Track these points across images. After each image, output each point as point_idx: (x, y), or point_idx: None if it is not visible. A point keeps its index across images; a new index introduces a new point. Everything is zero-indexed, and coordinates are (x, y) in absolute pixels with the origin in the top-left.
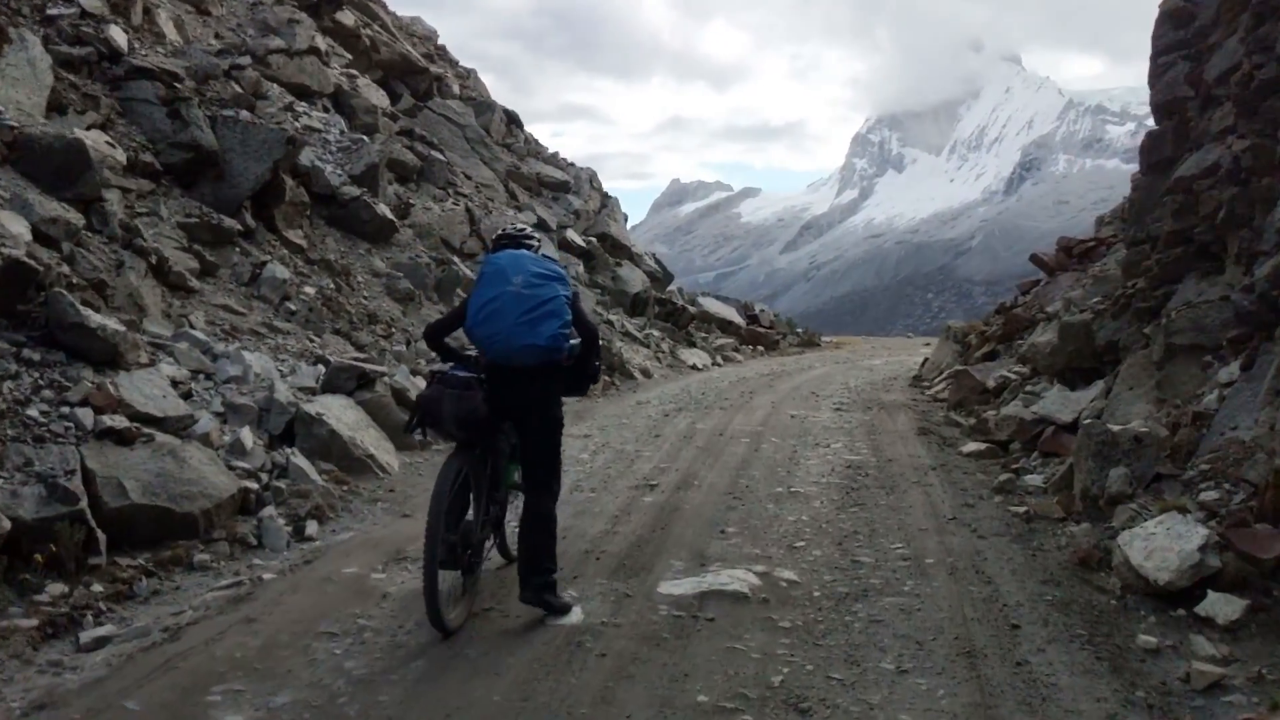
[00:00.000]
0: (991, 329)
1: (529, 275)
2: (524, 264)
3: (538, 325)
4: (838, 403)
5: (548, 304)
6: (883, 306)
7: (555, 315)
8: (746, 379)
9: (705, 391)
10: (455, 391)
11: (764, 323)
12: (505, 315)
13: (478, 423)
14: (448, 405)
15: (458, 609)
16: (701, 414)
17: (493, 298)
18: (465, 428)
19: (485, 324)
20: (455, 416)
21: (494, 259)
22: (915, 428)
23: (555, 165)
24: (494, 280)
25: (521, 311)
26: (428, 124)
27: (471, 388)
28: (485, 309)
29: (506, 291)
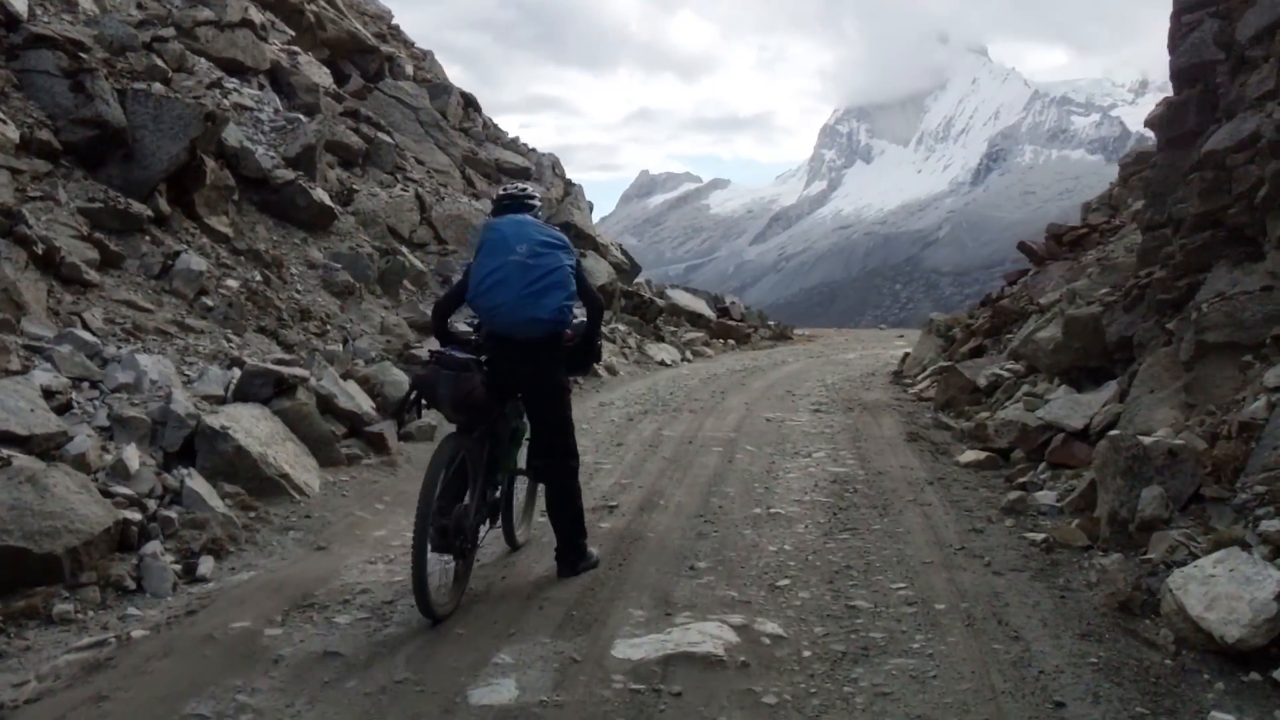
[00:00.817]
0: (977, 322)
1: (534, 243)
2: (528, 231)
3: (543, 297)
4: (816, 403)
5: (553, 274)
6: (851, 298)
7: (560, 286)
8: (717, 376)
9: (674, 391)
10: (452, 373)
11: (735, 315)
12: (510, 286)
13: (475, 405)
14: (444, 387)
15: (448, 595)
16: (669, 417)
17: (497, 267)
18: (462, 410)
19: (488, 294)
20: (452, 398)
21: (496, 225)
22: (903, 432)
23: (515, 151)
24: (497, 248)
25: (527, 283)
26: (378, 106)
27: (469, 369)
28: (489, 279)
29: (510, 261)
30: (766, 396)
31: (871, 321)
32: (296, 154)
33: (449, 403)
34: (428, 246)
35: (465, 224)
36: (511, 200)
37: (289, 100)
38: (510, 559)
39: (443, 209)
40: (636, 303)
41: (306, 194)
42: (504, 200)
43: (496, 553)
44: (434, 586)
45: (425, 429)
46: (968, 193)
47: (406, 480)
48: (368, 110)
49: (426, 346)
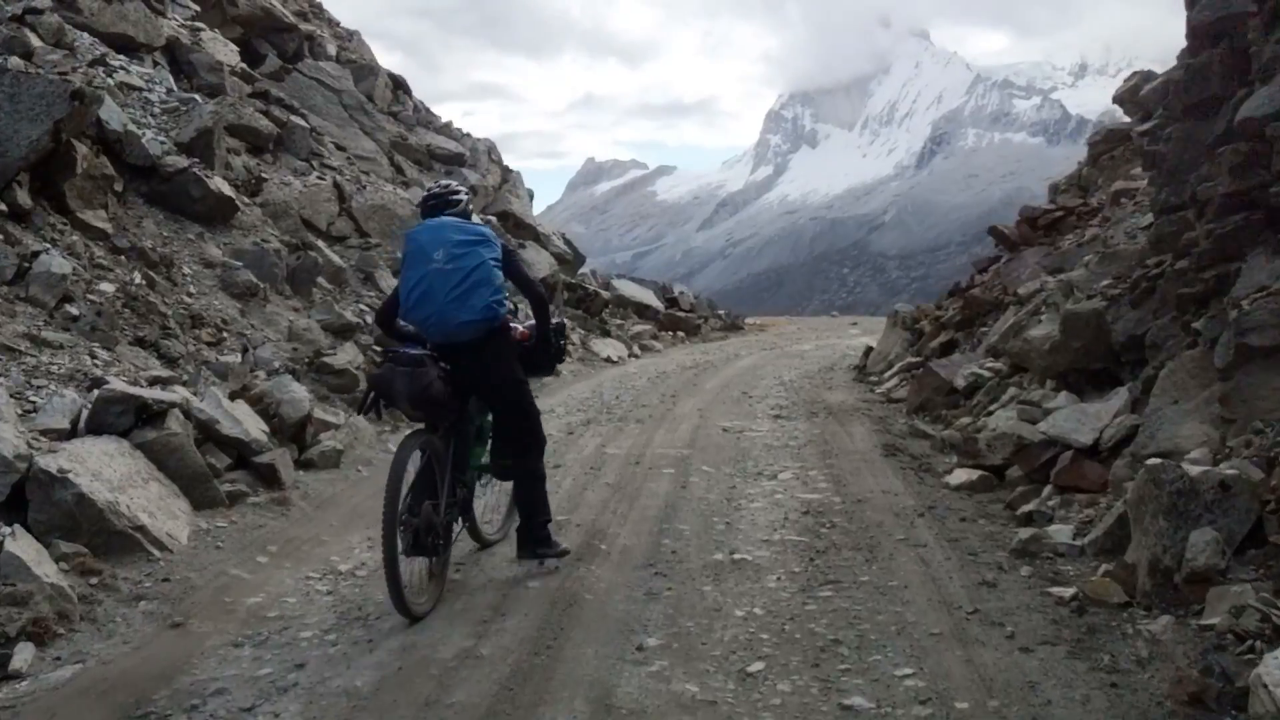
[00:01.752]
0: (947, 314)
1: (450, 246)
2: (444, 234)
3: (468, 299)
4: (775, 406)
5: (474, 273)
6: (799, 283)
7: (485, 283)
8: (667, 375)
9: (620, 394)
10: (406, 370)
11: (684, 306)
12: (434, 295)
13: (434, 400)
14: (400, 384)
15: (425, 594)
16: (614, 429)
17: (419, 279)
18: (421, 405)
19: (417, 308)
20: (409, 395)
21: (413, 236)
22: (877, 443)
23: (448, 136)
24: (417, 260)
25: (449, 288)
26: (297, 89)
27: (423, 364)
28: (414, 292)
29: (431, 270)
30: (721, 399)
31: (820, 307)
32: (191, 139)
33: (406, 399)
34: (348, 240)
35: (390, 215)
36: (436, 201)
37: (190, 81)
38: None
39: (364, 199)
40: (580, 295)
41: (202, 183)
42: (428, 202)
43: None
44: (409, 584)
45: (329, 455)
46: (912, 176)
47: (300, 523)
48: (281, 92)
49: (336, 353)
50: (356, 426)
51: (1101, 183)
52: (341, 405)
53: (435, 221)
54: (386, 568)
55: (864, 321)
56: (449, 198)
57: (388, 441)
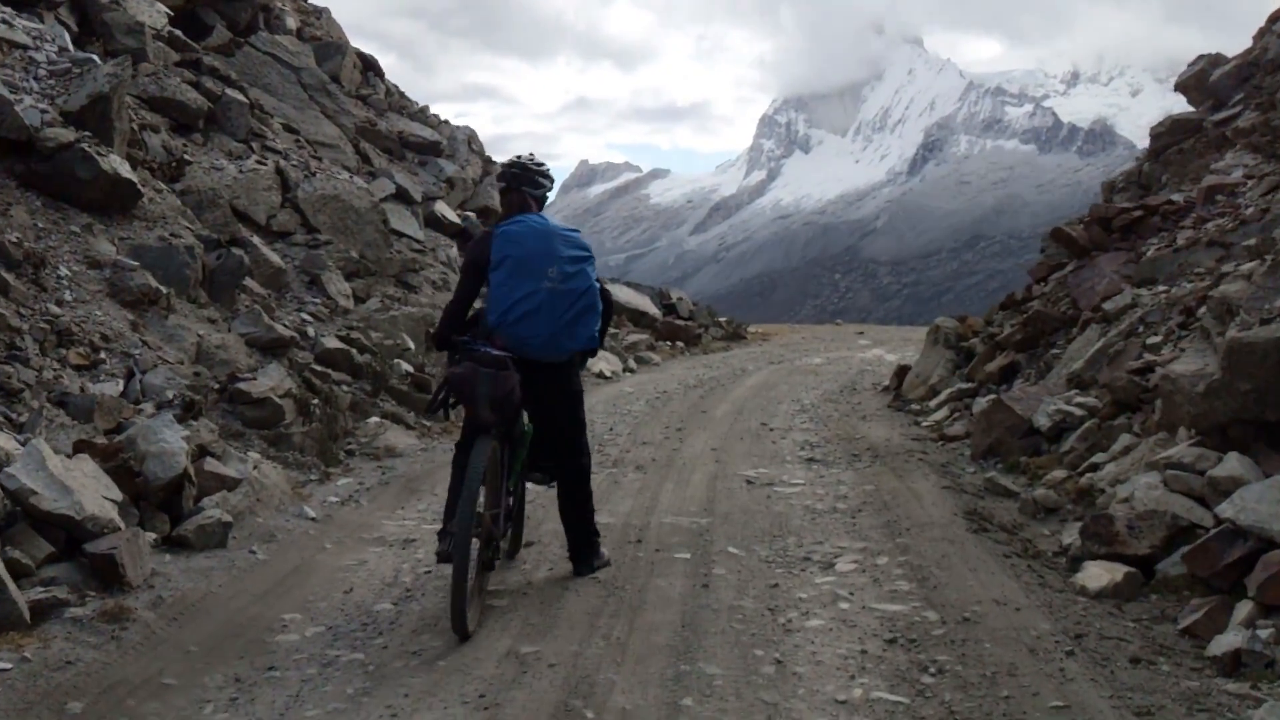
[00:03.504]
0: (1004, 331)
1: (563, 262)
2: (555, 245)
3: (578, 326)
4: (805, 444)
5: (584, 296)
6: (791, 287)
7: (592, 310)
8: (669, 396)
9: (614, 424)
10: (490, 371)
11: (682, 313)
12: (543, 318)
13: (513, 405)
14: (483, 385)
15: (474, 609)
16: (607, 482)
17: (527, 295)
18: (500, 409)
19: (519, 326)
20: (490, 397)
21: (515, 238)
22: (955, 507)
23: (424, 123)
24: (525, 271)
25: (562, 311)
26: (249, 65)
27: (507, 366)
28: (518, 307)
29: (543, 289)
30: (737, 433)
31: (812, 312)
32: (82, 107)
33: (487, 401)
34: (292, 236)
35: (345, 208)
36: (521, 171)
37: (104, 44)
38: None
39: (313, 188)
40: None
41: (92, 162)
42: (513, 170)
43: None
44: (469, 600)
45: (212, 530)
46: (904, 182)
47: (137, 653)
48: (227, 68)
49: (257, 377)
50: (262, 483)
51: (1168, 179)
52: (257, 446)
53: (538, 225)
54: (455, 580)
55: (871, 331)
56: (536, 175)
57: (310, 498)
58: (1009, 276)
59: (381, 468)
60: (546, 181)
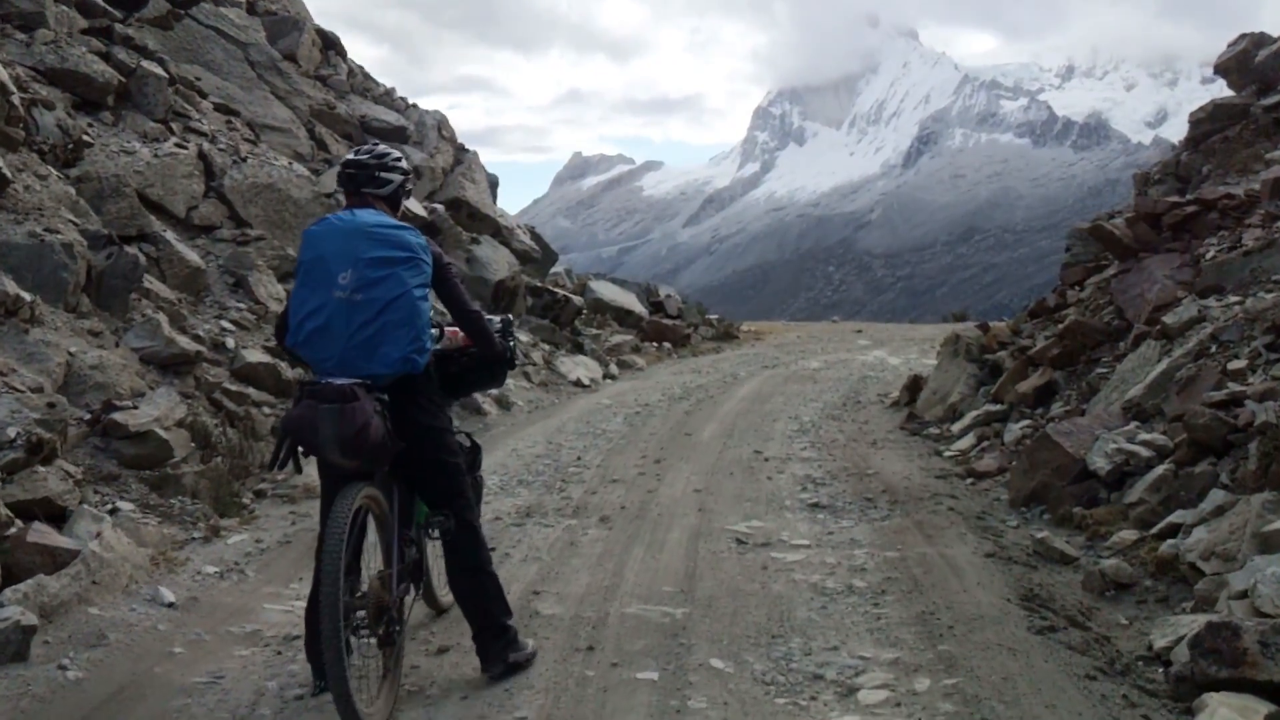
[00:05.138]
0: (1036, 345)
1: (362, 266)
2: (355, 244)
3: (379, 345)
4: (807, 480)
5: (390, 309)
6: (785, 280)
7: (404, 324)
8: (650, 411)
9: (584, 452)
10: (333, 406)
11: (671, 311)
12: (333, 335)
13: (372, 444)
14: (326, 426)
15: (379, 699)
16: (563, 540)
17: (316, 308)
18: (355, 452)
19: (310, 345)
20: (339, 439)
21: (312, 239)
22: (1006, 590)
23: (389, 106)
24: (315, 278)
25: (355, 327)
26: (189, 39)
27: (355, 397)
28: (307, 323)
29: (332, 300)
30: (726, 464)
31: (805, 304)
32: None
33: (337, 445)
34: (217, 230)
35: (282, 199)
36: (356, 171)
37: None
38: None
39: (243, 175)
40: (548, 302)
41: None
42: (346, 171)
43: None
44: (359, 692)
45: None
46: (899, 175)
47: None
48: (131, 31)
49: (138, 405)
50: (104, 558)
51: (1210, 170)
52: (134, 493)
53: (346, 220)
54: (332, 675)
55: (870, 329)
56: (376, 170)
57: (181, 567)
58: (1003, 270)
59: (294, 514)
60: (393, 175)
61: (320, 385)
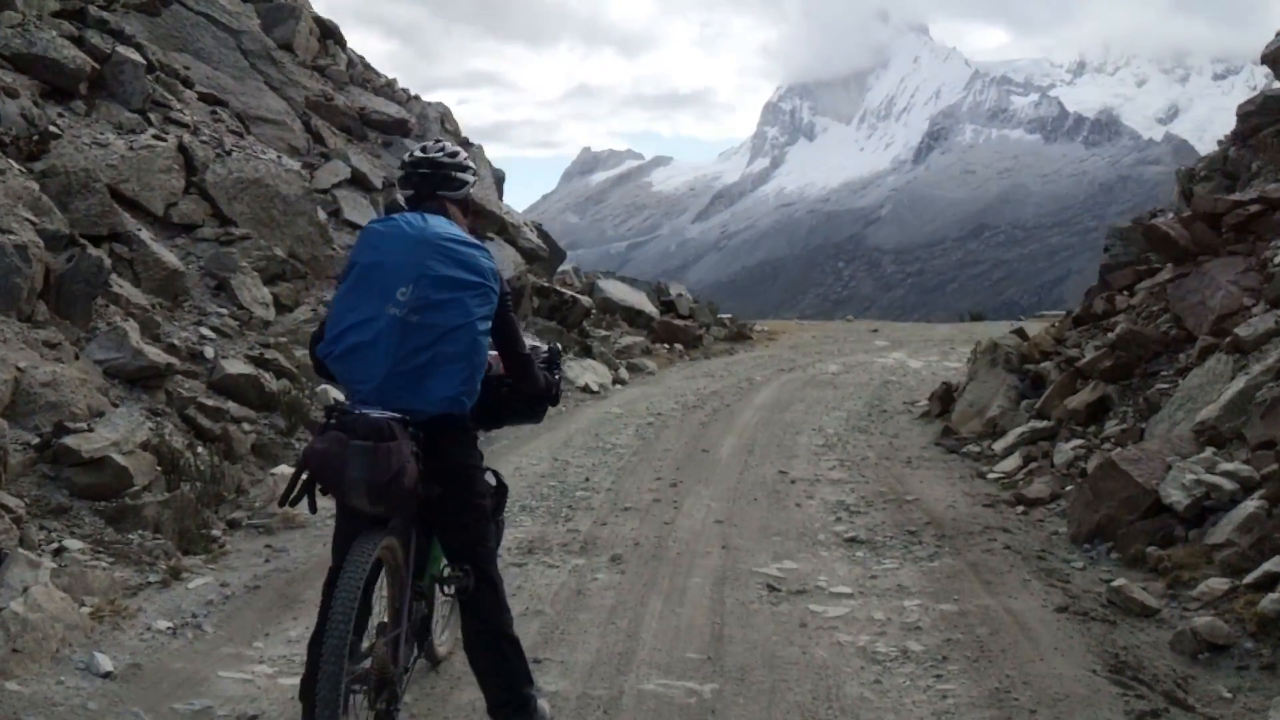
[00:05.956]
0: (1085, 355)
1: (427, 282)
2: (424, 257)
3: (428, 377)
4: (840, 507)
5: (448, 338)
6: (794, 276)
7: (461, 359)
8: (664, 421)
9: (593, 472)
10: (366, 445)
11: (682, 311)
12: (378, 357)
13: (404, 491)
14: (356, 466)
15: None
16: (569, 586)
17: (363, 321)
18: (386, 498)
19: (346, 360)
20: (369, 483)
21: (375, 236)
22: (1087, 657)
23: (389, 98)
24: (367, 284)
25: (405, 353)
26: (178, 27)
27: (393, 435)
28: (350, 335)
29: (385, 315)
30: (749, 487)
31: (815, 300)
32: None
33: (364, 489)
34: (199, 229)
35: (270, 195)
36: (433, 171)
37: None
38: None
39: (226, 170)
40: (555, 303)
41: None
42: (421, 171)
43: None
44: None
45: None
46: (909, 171)
47: None
48: (108, 16)
49: (93, 427)
50: (28, 619)
51: (1261, 166)
52: (87, 527)
53: (417, 226)
54: None
55: (886, 328)
56: (453, 170)
57: (130, 620)
58: (1013, 267)
59: (269, 549)
60: (468, 177)
61: (354, 416)
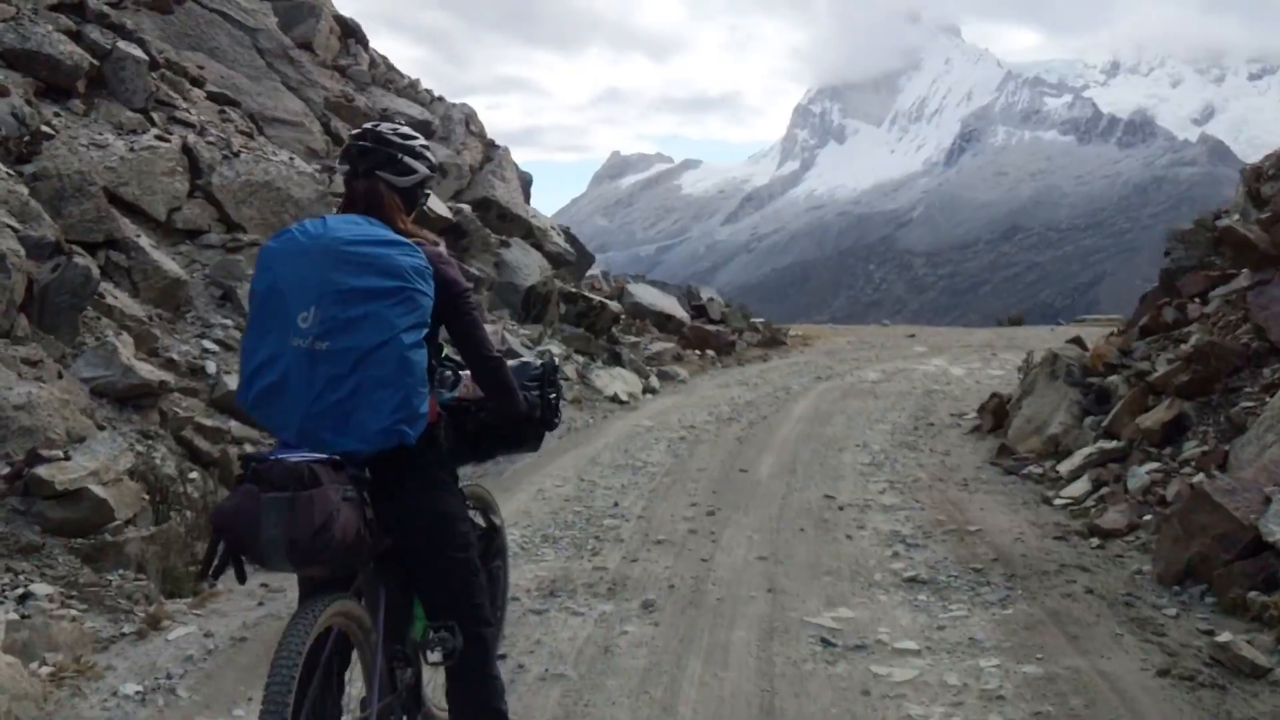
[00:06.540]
0: (1157, 369)
1: (330, 300)
2: (323, 268)
3: (352, 414)
4: (896, 542)
5: (368, 362)
6: (824, 278)
7: (388, 383)
8: (697, 436)
9: (622, 496)
10: (281, 496)
11: (714, 315)
12: (290, 398)
13: (335, 549)
14: (270, 523)
15: None
16: (592, 664)
17: (266, 361)
18: (312, 558)
19: (261, 407)
20: (288, 542)
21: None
22: None
23: (412, 99)
24: (265, 314)
25: (319, 389)
26: (192, 25)
27: (312, 481)
28: (256, 381)
29: (290, 350)
30: (793, 516)
31: (845, 304)
32: None
33: (284, 550)
34: (204, 235)
35: (282, 198)
36: (375, 146)
37: None
38: None
39: (234, 172)
40: (582, 308)
41: None
42: (361, 144)
43: None
44: None
45: None
46: (941, 173)
47: None
48: (142, 26)
49: (70, 455)
50: None
51: None
52: (60, 568)
53: (313, 234)
54: None
55: (923, 333)
56: (400, 152)
57: (98, 679)
58: (1047, 269)
59: (265, 588)
60: (418, 165)
61: (265, 463)
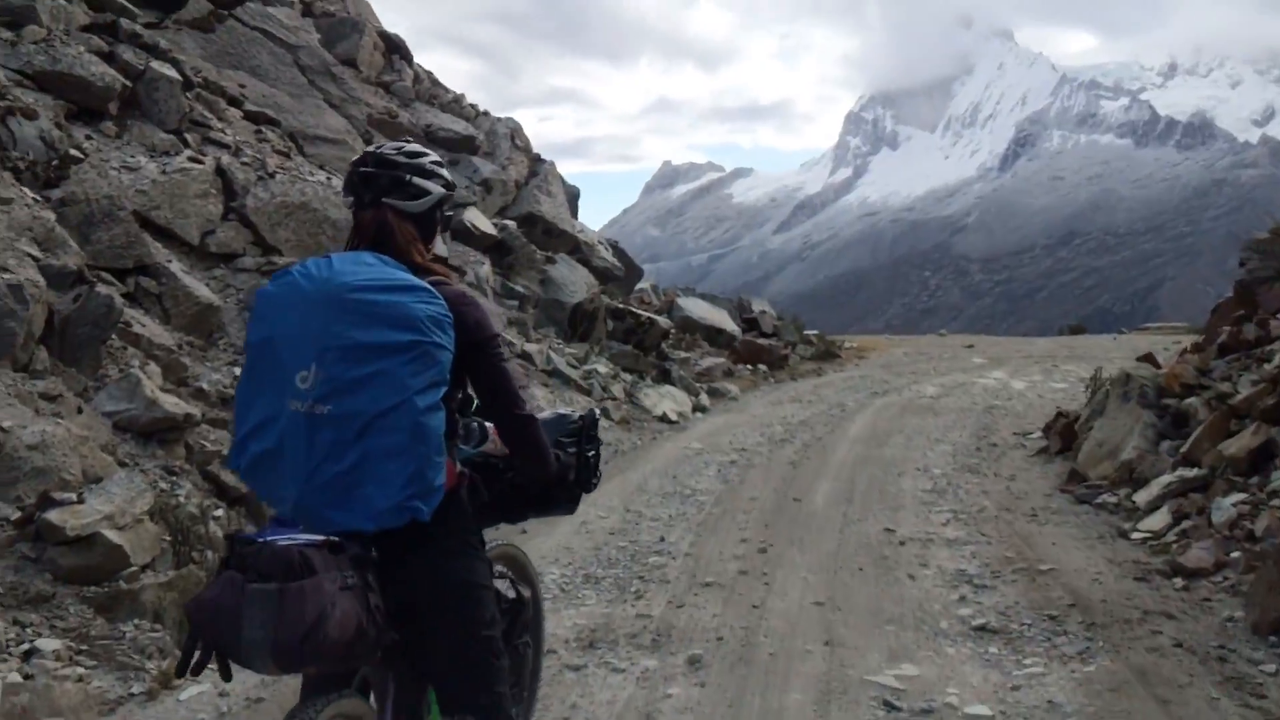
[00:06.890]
0: (1239, 391)
1: (333, 358)
2: (327, 318)
3: (357, 486)
4: (962, 583)
5: (376, 429)
6: (879, 286)
7: (400, 453)
8: (749, 460)
9: (666, 535)
10: (268, 588)
11: (765, 329)
12: (284, 467)
13: (328, 647)
14: (253, 621)
15: None
16: None
17: (261, 424)
18: (302, 660)
19: (255, 475)
20: (273, 644)
21: (264, 301)
22: None
23: (456, 114)
24: (260, 370)
25: (319, 459)
26: (234, 43)
27: (306, 569)
28: (250, 444)
29: (285, 412)
30: (850, 554)
31: (900, 311)
32: None
33: (268, 651)
34: (238, 259)
35: (319, 220)
36: (379, 171)
37: None
38: None
39: (269, 194)
40: (630, 325)
41: None
42: (363, 170)
43: None
44: None
45: None
46: (996, 179)
47: None
48: (187, 44)
49: (84, 498)
50: None
51: None
52: (71, 619)
53: (316, 278)
54: None
55: (981, 343)
56: (408, 173)
57: None
58: (1105, 274)
59: None
60: (430, 185)
61: (254, 547)
